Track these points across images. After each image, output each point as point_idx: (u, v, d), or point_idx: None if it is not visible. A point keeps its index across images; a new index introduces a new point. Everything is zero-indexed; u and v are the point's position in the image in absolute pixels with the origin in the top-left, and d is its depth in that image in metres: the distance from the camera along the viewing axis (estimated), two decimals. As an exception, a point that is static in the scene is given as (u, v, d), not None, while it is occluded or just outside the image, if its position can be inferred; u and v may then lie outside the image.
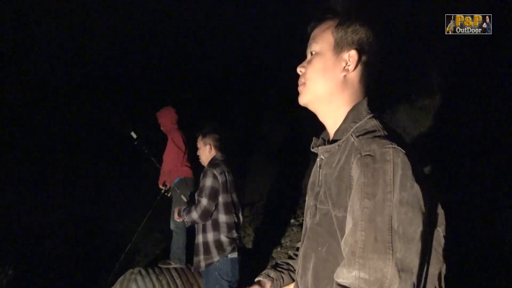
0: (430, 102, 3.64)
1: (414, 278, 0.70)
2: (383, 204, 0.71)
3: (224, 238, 2.44)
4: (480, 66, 3.29)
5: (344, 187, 0.80)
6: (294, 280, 1.10)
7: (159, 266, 3.42)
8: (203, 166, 2.63)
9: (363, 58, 0.89)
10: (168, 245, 4.07)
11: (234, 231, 2.50)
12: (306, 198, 1.03)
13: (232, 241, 2.46)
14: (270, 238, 4.21)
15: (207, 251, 2.43)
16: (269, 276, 1.10)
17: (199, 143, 2.66)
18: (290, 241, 3.94)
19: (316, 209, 0.90)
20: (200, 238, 2.48)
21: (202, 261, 2.44)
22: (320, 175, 0.93)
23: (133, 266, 3.57)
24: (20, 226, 5.07)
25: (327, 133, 0.98)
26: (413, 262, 0.70)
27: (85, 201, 6.08)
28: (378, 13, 0.95)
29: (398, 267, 0.68)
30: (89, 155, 6.79)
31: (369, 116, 0.86)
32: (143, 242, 5.32)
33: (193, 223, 2.52)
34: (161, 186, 3.95)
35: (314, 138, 1.02)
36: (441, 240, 0.84)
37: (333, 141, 0.91)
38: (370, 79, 0.93)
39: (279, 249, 3.89)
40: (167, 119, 3.90)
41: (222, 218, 2.46)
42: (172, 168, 3.83)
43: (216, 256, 2.41)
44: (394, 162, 0.73)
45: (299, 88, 0.95)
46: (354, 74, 0.90)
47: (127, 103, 7.32)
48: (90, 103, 6.97)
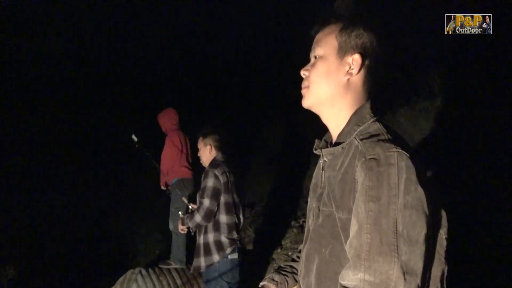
0: (430, 104, 3.64)
1: (418, 280, 0.71)
2: (388, 207, 0.72)
3: (224, 239, 2.43)
4: (480, 66, 3.29)
5: (347, 190, 0.81)
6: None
7: (160, 266, 3.43)
8: (204, 167, 2.63)
9: (366, 62, 0.90)
10: (168, 245, 4.07)
11: (234, 232, 2.49)
12: (308, 200, 1.03)
13: (232, 242, 2.45)
14: (270, 239, 4.20)
15: (208, 252, 2.42)
16: (273, 280, 1.10)
17: (200, 144, 2.65)
18: (291, 242, 3.94)
19: (319, 210, 0.91)
20: (201, 239, 2.47)
21: (202, 262, 2.43)
22: (323, 177, 0.94)
23: (133, 266, 3.56)
24: (20, 226, 5.06)
25: (330, 135, 0.98)
26: (417, 264, 0.71)
27: (85, 201, 6.08)
28: (381, 17, 0.95)
29: (403, 270, 0.69)
30: (89, 155, 6.80)
31: (372, 119, 0.87)
32: (144, 242, 5.32)
33: (197, 227, 2.50)
34: (163, 187, 3.96)
35: (316, 140, 1.02)
36: (443, 242, 0.85)
37: (336, 143, 0.91)
38: (373, 83, 0.93)
39: (280, 250, 3.89)
40: (167, 120, 3.90)
41: (223, 218, 2.45)
42: (169, 168, 3.82)
43: (216, 257, 2.40)
44: (399, 165, 0.74)
45: (303, 91, 0.96)
46: (357, 78, 0.91)
47: (128, 104, 7.33)
48: (91, 104, 6.98)
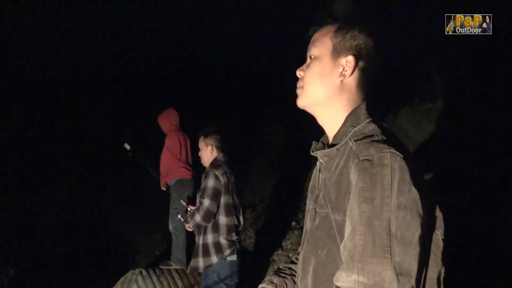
0: (432, 106, 3.64)
1: (412, 282, 0.70)
2: (381, 208, 0.72)
3: (223, 241, 2.42)
4: (480, 66, 3.29)
5: (343, 191, 0.81)
6: None
7: (160, 267, 3.43)
8: (205, 167, 2.62)
9: (360, 63, 0.90)
10: (168, 246, 4.08)
11: (233, 234, 2.48)
12: (307, 202, 1.03)
13: (231, 243, 2.44)
14: (271, 240, 4.20)
15: (206, 253, 2.41)
16: (272, 282, 1.10)
17: (201, 144, 2.64)
18: (291, 244, 3.94)
19: (315, 212, 0.91)
20: (199, 240, 2.46)
21: (200, 262, 2.42)
22: (319, 179, 0.94)
23: (133, 267, 3.57)
24: (20, 226, 5.07)
25: (327, 137, 0.99)
26: (411, 266, 0.71)
27: (85, 201, 6.09)
28: (381, 18, 0.95)
29: (396, 271, 0.69)
30: (89, 155, 6.80)
31: (367, 120, 0.87)
32: (144, 243, 5.33)
33: (197, 227, 2.49)
34: (163, 187, 3.96)
35: (314, 142, 1.02)
36: (439, 243, 0.85)
37: (332, 145, 0.91)
38: (369, 85, 0.93)
39: (280, 251, 3.88)
40: (167, 121, 3.90)
41: (223, 220, 2.44)
42: (168, 169, 3.82)
43: (214, 258, 2.39)
44: (392, 166, 0.74)
45: (298, 91, 0.97)
46: (351, 79, 0.91)
47: (128, 104, 7.35)
48: (91, 104, 7.00)
